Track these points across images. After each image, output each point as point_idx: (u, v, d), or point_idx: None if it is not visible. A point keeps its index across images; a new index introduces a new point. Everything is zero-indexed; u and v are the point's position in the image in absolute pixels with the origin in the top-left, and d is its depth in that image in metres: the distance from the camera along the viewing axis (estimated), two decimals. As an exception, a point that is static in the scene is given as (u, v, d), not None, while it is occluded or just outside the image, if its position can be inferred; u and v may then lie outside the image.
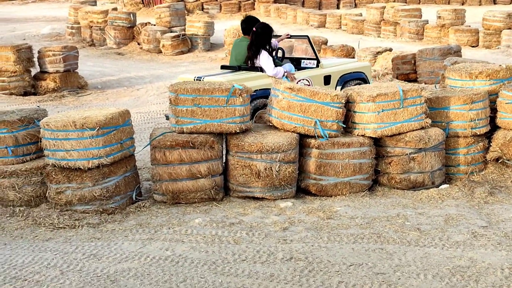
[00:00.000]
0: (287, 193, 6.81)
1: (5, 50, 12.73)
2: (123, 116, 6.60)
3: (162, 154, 6.64)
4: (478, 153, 7.53)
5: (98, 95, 13.19)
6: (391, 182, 7.11)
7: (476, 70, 7.71)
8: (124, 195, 6.67)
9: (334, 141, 6.83)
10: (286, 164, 6.68)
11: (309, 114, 6.82)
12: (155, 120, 10.80)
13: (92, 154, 6.28)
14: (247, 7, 26.43)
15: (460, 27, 18.51)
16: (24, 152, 6.74)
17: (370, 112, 6.93)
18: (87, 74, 14.74)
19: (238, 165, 6.73)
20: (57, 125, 6.28)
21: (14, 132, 6.66)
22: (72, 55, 13.45)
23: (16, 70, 12.77)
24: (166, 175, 6.67)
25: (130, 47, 18.69)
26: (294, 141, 6.75)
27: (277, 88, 7.00)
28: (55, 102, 12.47)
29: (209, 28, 18.61)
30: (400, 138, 7.02)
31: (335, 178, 6.88)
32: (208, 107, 6.66)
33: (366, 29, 20.89)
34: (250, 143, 6.65)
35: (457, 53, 13.10)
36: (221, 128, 6.72)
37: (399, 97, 6.96)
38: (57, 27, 22.40)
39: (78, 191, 6.38)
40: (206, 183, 6.71)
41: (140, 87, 13.84)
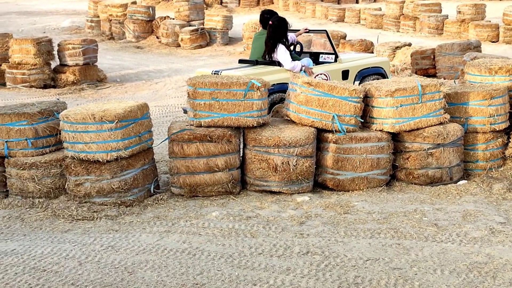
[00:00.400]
0: (304, 188, 6.81)
1: (25, 43, 12.83)
2: (142, 109, 6.64)
3: (180, 147, 6.67)
4: (497, 149, 7.48)
5: (117, 88, 13.26)
6: (408, 178, 7.09)
7: (496, 65, 7.65)
8: (142, 187, 6.71)
9: (351, 136, 6.82)
10: (303, 159, 6.68)
11: (327, 109, 6.81)
12: (173, 114, 10.85)
13: (110, 146, 6.32)
14: (266, 1, 26.40)
15: (480, 22, 18.36)
16: (44, 144, 6.80)
17: (388, 107, 6.91)
18: (106, 67, 14.82)
19: (255, 159, 6.74)
20: (76, 117, 6.33)
21: (34, 124, 6.73)
22: (91, 48, 13.52)
23: (36, 63, 12.87)
24: (183, 168, 6.71)
25: (149, 41, 18.76)
26: (312, 135, 6.75)
27: (295, 82, 6.99)
28: (75, 95, 12.56)
29: (228, 22, 18.63)
30: (418, 133, 6.99)
31: (353, 173, 6.87)
32: (226, 101, 6.68)
33: (385, 23, 20.79)
34: (268, 137, 6.66)
35: (476, 48, 13.01)
36: (239, 122, 6.73)
37: (418, 92, 6.93)
38: (76, 21, 22.54)
39: (97, 183, 6.43)
40: (223, 176, 6.73)
41: (158, 81, 13.89)
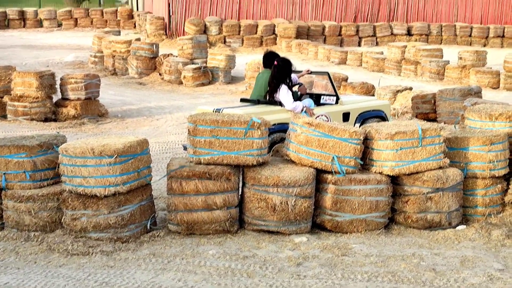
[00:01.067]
0: (302, 228, 6.77)
1: (28, 76, 12.90)
2: (142, 145, 6.63)
3: (178, 184, 6.65)
4: (496, 195, 7.45)
5: (118, 123, 13.29)
6: (407, 221, 7.05)
7: (496, 111, 7.68)
8: (139, 224, 6.67)
9: (351, 178, 6.80)
10: (302, 199, 6.65)
11: (327, 150, 6.81)
12: (173, 150, 10.85)
13: (109, 181, 6.30)
14: (269, 41, 26.63)
15: (481, 69, 18.49)
16: (42, 177, 6.78)
17: (388, 150, 6.91)
18: (108, 102, 14.88)
19: (254, 198, 6.71)
20: (76, 151, 6.32)
21: (33, 157, 6.71)
22: (94, 83, 13.59)
23: (38, 96, 12.91)
24: (181, 205, 6.67)
25: (152, 77, 18.86)
26: (311, 176, 6.74)
27: (295, 122, 7.01)
28: (75, 129, 12.58)
29: (231, 61, 18.76)
30: (417, 177, 6.98)
31: (351, 215, 6.84)
32: (226, 139, 6.68)
33: (387, 67, 20.92)
34: (267, 176, 6.64)
35: (477, 94, 13.06)
36: (238, 160, 6.72)
37: (418, 136, 6.94)
38: (80, 55, 22.69)
39: (93, 218, 6.39)
40: (221, 214, 6.69)
41: (159, 117, 13.93)
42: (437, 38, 28.90)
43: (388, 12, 29.39)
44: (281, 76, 9.00)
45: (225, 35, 26.68)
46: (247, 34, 26.80)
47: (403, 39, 27.86)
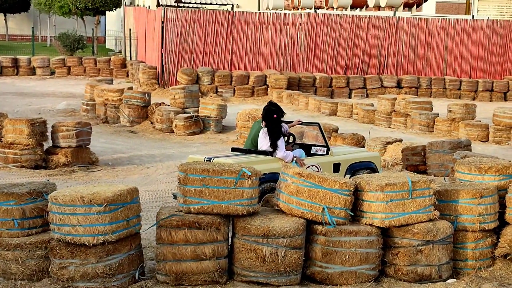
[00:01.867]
0: (292, 280, 6.71)
1: (19, 124, 12.90)
2: (131, 194, 6.61)
3: (167, 233, 6.61)
4: (486, 249, 7.44)
5: (108, 171, 13.25)
6: (397, 274, 7.02)
7: (486, 164, 7.72)
8: (127, 273, 6.60)
9: (341, 229, 6.79)
10: (292, 250, 6.62)
11: (317, 200, 6.81)
12: (163, 199, 10.80)
13: (98, 230, 6.26)
14: (260, 92, 26.82)
15: (470, 122, 18.65)
16: (30, 225, 6.72)
17: (378, 201, 6.92)
18: (98, 150, 14.86)
19: (244, 248, 6.67)
20: (65, 199, 6.29)
21: (22, 204, 6.67)
22: (85, 131, 13.59)
23: (29, 143, 12.89)
24: (170, 255, 6.62)
25: (143, 126, 18.89)
26: (301, 226, 6.72)
27: (286, 172, 7.02)
28: (65, 176, 12.53)
29: (222, 111, 18.86)
30: (407, 229, 6.97)
31: (341, 267, 6.79)
32: (217, 188, 6.67)
33: (377, 119, 21.07)
34: (257, 227, 6.62)
35: (467, 147, 13.15)
36: (229, 210, 6.71)
37: (408, 188, 6.96)
38: (72, 103, 22.74)
39: (81, 267, 6.32)
40: (210, 265, 6.64)
41: (150, 166, 13.91)
42: (426, 91, 29.21)
43: (378, 65, 29.76)
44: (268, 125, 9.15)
45: (217, 85, 26.88)
46: (238, 84, 27.02)
47: (393, 92, 28.13)
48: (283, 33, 28.62)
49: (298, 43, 28.83)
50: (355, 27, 29.40)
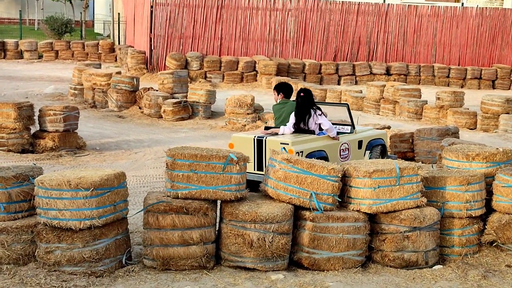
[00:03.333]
0: (279, 265, 6.72)
1: (6, 107, 12.79)
2: (119, 178, 6.58)
3: (155, 218, 6.59)
4: (472, 235, 7.48)
5: (95, 156, 13.19)
6: (384, 260, 7.04)
7: (473, 152, 7.75)
8: (114, 258, 6.58)
9: (329, 215, 6.80)
10: (280, 235, 6.62)
11: (305, 186, 6.81)
12: (150, 184, 10.78)
13: (84, 214, 6.23)
14: (249, 78, 26.77)
15: (458, 109, 18.71)
16: (17, 209, 6.68)
17: (366, 188, 6.93)
18: (86, 135, 14.78)
19: (231, 233, 6.67)
20: (52, 183, 6.25)
21: (8, 188, 6.63)
22: (72, 115, 13.51)
23: (16, 127, 12.80)
24: (157, 240, 6.61)
25: (131, 111, 18.81)
26: (289, 212, 6.72)
27: (274, 158, 7.01)
28: (52, 161, 12.46)
29: (211, 96, 18.79)
30: (395, 215, 6.99)
31: (328, 253, 6.81)
32: (205, 174, 6.66)
33: (366, 106, 21.09)
34: (245, 212, 6.61)
35: (454, 135, 13.18)
36: (216, 195, 6.69)
37: (396, 174, 6.97)
38: (60, 87, 22.60)
39: (68, 251, 6.30)
40: (197, 250, 6.63)
41: (138, 151, 13.86)
42: (415, 78, 29.27)
43: (367, 52, 29.77)
44: (309, 104, 9.62)
45: (206, 70, 26.80)
46: (227, 70, 26.95)
47: (382, 79, 28.18)
48: (273, 19, 28.55)
49: (287, 29, 28.78)
50: (344, 14, 29.37)
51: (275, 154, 7.06)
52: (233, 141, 9.49)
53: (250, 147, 9.24)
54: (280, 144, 8.98)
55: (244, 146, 9.20)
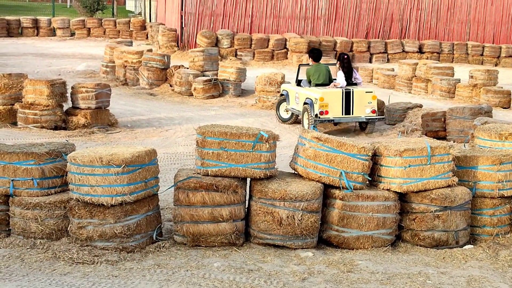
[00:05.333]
0: (308, 243, 6.74)
1: (39, 84, 12.94)
2: (150, 155, 6.64)
3: (185, 195, 6.65)
4: (504, 215, 7.40)
5: (127, 133, 13.30)
6: (414, 239, 7.02)
7: (506, 131, 7.64)
8: (145, 234, 6.66)
9: (358, 194, 6.78)
10: (309, 214, 6.63)
11: (335, 165, 6.80)
12: (181, 162, 10.85)
13: (116, 191, 6.31)
14: (280, 56, 26.65)
15: (492, 88, 18.42)
16: (50, 185, 6.79)
17: (396, 167, 6.89)
18: (118, 112, 14.90)
19: (261, 211, 6.70)
20: (84, 160, 6.33)
21: (41, 164, 6.73)
22: (104, 92, 13.61)
23: (49, 104, 12.94)
24: (187, 217, 6.67)
25: (162, 89, 18.88)
26: (318, 190, 6.72)
27: (304, 136, 7.00)
28: (85, 137, 12.60)
29: (241, 74, 18.76)
30: (425, 194, 6.95)
31: (358, 231, 6.81)
32: (234, 151, 6.68)
33: (398, 84, 20.87)
34: (274, 190, 6.63)
35: (488, 114, 13.01)
36: (246, 173, 6.72)
37: (427, 153, 6.92)
38: (92, 65, 22.77)
39: (100, 227, 6.39)
40: (227, 227, 6.68)
41: (169, 128, 13.94)
42: (448, 56, 28.86)
43: (400, 30, 29.42)
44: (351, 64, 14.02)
45: (237, 48, 26.74)
46: (258, 47, 26.85)
47: (415, 57, 27.84)
48: (304, -4, 28.31)
49: (319, 6, 28.53)
50: (377, -9, 28.98)
51: (305, 132, 7.04)
52: (323, 96, 13.05)
53: (339, 98, 13.16)
54: (366, 92, 13.50)
55: (333, 98, 13.13)
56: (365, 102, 13.31)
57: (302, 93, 13.66)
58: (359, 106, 13.27)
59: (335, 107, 13.10)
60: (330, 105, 13.05)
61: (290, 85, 14.72)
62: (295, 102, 14.00)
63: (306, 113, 13.26)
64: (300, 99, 13.71)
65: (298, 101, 13.82)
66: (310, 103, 13.11)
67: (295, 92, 13.97)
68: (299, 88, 13.93)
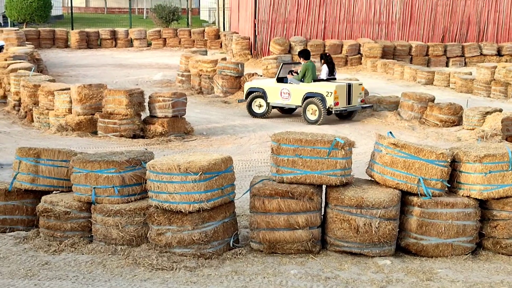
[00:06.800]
0: (386, 251, 6.66)
1: (118, 94, 13.28)
2: (226, 163, 6.71)
3: (261, 202, 6.68)
4: None
5: (202, 141, 13.49)
6: (496, 247, 6.83)
7: None
8: (222, 240, 6.73)
9: (437, 201, 6.66)
10: (386, 221, 6.55)
11: (412, 171, 6.69)
12: (256, 169, 10.91)
13: (193, 198, 6.40)
14: (354, 61, 26.48)
15: None
16: (130, 193, 6.95)
17: (476, 173, 6.73)
18: (193, 120, 15.13)
19: (337, 218, 6.66)
20: (163, 168, 6.46)
21: (122, 172, 6.89)
22: (180, 101, 13.85)
23: (127, 114, 13.26)
24: (264, 224, 6.70)
25: (236, 96, 19.05)
26: (396, 197, 6.63)
27: (380, 143, 6.92)
28: (162, 145, 12.85)
29: (315, 81, 18.73)
30: (507, 201, 6.75)
31: (437, 239, 6.68)
32: (310, 158, 6.67)
33: (476, 88, 20.39)
34: (350, 197, 6.58)
35: None
36: (321, 180, 6.70)
37: (508, 159, 6.72)
38: (168, 74, 23.22)
39: (178, 233, 6.50)
40: (303, 234, 6.67)
41: (243, 135, 14.05)
42: (528, 58, 28.00)
43: (477, 32, 28.74)
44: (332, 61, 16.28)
45: (310, 54, 26.70)
46: (332, 53, 26.69)
47: (493, 60, 27.13)
48: (378, 0, 28.05)
49: (393, 11, 28.20)
50: (453, -7, 28.42)
51: (381, 138, 6.96)
52: (336, 89, 14.92)
53: (344, 91, 15.16)
54: (358, 85, 15.63)
55: (342, 91, 15.09)
56: (358, 93, 15.45)
57: (300, 89, 15.39)
58: (355, 96, 15.41)
59: (342, 98, 15.12)
60: (340, 97, 15.05)
61: (266, 82, 16.48)
62: (280, 97, 15.75)
63: (313, 106, 15.19)
64: (295, 94, 15.49)
65: (288, 96, 15.60)
66: (320, 97, 15.05)
67: (282, 88, 15.68)
68: (292, 84, 15.62)
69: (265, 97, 16.04)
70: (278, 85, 15.91)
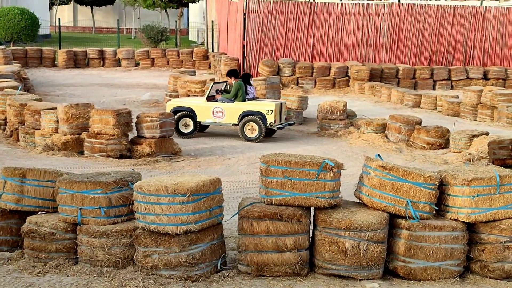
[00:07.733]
0: (374, 274, 6.63)
1: (106, 114, 13.23)
2: (214, 184, 6.68)
3: (249, 224, 6.65)
4: None
5: (190, 162, 13.45)
6: (483, 271, 6.82)
7: None
8: (209, 263, 6.68)
9: (425, 223, 6.65)
10: (375, 244, 6.53)
11: (400, 194, 6.69)
12: (244, 190, 10.87)
13: (181, 219, 6.36)
14: (341, 83, 26.59)
15: (561, 114, 17.91)
16: (116, 214, 6.89)
17: (464, 196, 6.74)
18: (181, 141, 15.10)
19: (325, 241, 6.63)
20: (150, 189, 6.41)
21: (108, 193, 6.84)
22: (168, 122, 13.83)
23: (114, 134, 13.20)
24: (252, 246, 6.66)
25: (225, 117, 19.03)
26: (384, 220, 6.62)
27: (369, 165, 6.93)
28: (149, 166, 12.79)
29: (303, 103, 18.79)
30: (495, 225, 6.76)
31: (425, 262, 6.66)
32: (298, 180, 6.66)
33: (462, 111, 20.52)
34: (339, 219, 6.56)
35: (558, 141, 12.63)
36: (310, 202, 6.68)
37: (496, 183, 6.74)
38: (156, 94, 23.20)
39: (165, 256, 6.44)
40: (291, 257, 6.63)
41: (231, 157, 14.03)
42: (514, 82, 28.22)
43: (464, 56, 28.98)
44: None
45: (298, 76, 26.81)
46: (319, 75, 26.87)
47: (479, 83, 27.33)
48: (366, 24, 28.26)
49: (380, 34, 28.41)
50: (440, 17, 28.70)
51: (369, 161, 6.97)
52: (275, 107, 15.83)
53: (279, 109, 15.98)
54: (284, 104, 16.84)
55: (278, 109, 15.92)
56: (284, 111, 16.51)
57: (235, 107, 15.86)
58: (283, 114, 16.36)
59: (277, 116, 15.93)
60: (276, 115, 15.85)
61: (193, 101, 16.66)
62: (212, 116, 16.02)
63: (252, 123, 15.74)
64: (230, 112, 15.88)
65: (222, 115, 15.96)
66: (260, 115, 15.65)
67: (214, 107, 15.97)
68: (225, 103, 15.97)
69: (194, 116, 16.13)
70: (209, 104, 16.08)
